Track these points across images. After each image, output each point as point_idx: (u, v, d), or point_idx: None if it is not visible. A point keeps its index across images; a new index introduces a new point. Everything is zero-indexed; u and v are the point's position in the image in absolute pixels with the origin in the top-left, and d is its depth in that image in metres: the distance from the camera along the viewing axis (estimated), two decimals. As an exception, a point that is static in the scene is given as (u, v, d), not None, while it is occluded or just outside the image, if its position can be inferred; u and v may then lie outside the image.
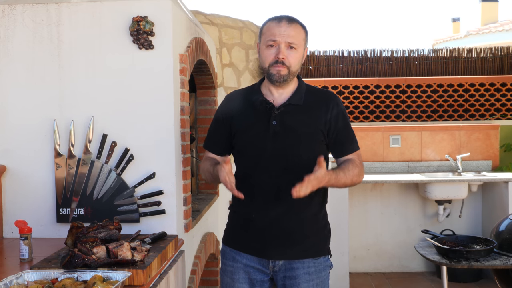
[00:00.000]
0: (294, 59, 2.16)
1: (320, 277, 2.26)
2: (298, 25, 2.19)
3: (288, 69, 2.15)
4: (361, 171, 2.26)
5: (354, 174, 2.21)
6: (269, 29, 2.17)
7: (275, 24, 2.16)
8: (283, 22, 2.16)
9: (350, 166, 2.21)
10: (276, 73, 2.15)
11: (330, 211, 4.89)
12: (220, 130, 2.30)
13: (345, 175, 2.18)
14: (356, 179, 2.23)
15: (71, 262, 1.84)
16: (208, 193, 3.75)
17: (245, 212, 2.25)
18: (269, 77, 2.18)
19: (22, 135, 2.51)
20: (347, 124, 2.28)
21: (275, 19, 2.19)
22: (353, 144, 2.28)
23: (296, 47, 2.16)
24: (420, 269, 5.56)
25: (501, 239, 3.47)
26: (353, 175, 2.21)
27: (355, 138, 2.30)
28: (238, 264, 2.27)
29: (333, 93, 2.33)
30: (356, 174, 2.22)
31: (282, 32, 2.14)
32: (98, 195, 2.46)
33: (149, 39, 2.44)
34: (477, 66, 6.52)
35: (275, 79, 2.16)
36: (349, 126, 2.28)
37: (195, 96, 3.71)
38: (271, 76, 2.17)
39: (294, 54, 2.16)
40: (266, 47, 2.17)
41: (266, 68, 2.18)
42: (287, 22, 2.16)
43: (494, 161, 5.61)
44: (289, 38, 2.14)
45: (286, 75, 2.16)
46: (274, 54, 2.15)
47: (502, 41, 10.22)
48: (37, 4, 2.50)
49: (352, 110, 6.16)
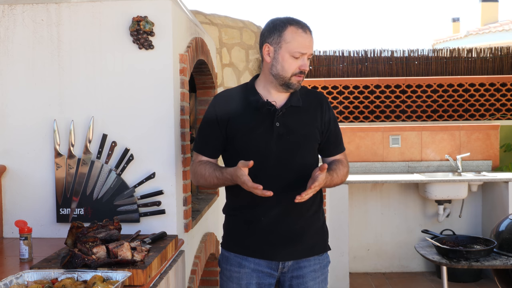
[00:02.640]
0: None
1: (324, 273, 2.32)
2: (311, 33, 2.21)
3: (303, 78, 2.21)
4: (348, 170, 2.37)
5: (343, 174, 2.31)
6: (295, 39, 2.13)
7: (301, 33, 2.14)
8: (308, 33, 2.16)
9: (340, 166, 2.29)
10: (297, 82, 2.18)
11: (330, 211, 4.91)
12: (215, 132, 2.23)
13: (337, 176, 2.26)
14: (345, 179, 2.34)
15: (71, 262, 1.84)
16: (208, 193, 3.75)
17: (249, 214, 2.23)
18: (288, 85, 2.18)
19: (22, 135, 2.51)
20: (338, 125, 2.35)
21: (300, 27, 2.14)
22: (342, 144, 2.37)
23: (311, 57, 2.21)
24: (420, 269, 5.56)
25: (501, 239, 3.47)
26: (343, 175, 2.30)
27: (342, 138, 2.39)
28: (245, 270, 2.25)
29: (323, 94, 2.36)
30: (345, 173, 2.32)
31: (308, 44, 2.15)
32: (98, 195, 2.46)
33: (149, 39, 2.44)
34: (477, 66, 6.52)
35: (295, 88, 2.19)
36: (338, 126, 2.36)
37: (195, 96, 3.71)
38: (291, 85, 2.18)
39: (308, 63, 2.20)
40: (291, 57, 2.14)
41: (286, 77, 2.17)
42: (310, 32, 2.17)
43: (494, 161, 5.61)
44: (312, 49, 2.18)
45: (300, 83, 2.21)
46: (298, 65, 2.15)
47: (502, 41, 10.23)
48: (37, 4, 2.50)
49: (352, 110, 6.16)
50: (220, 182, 2.19)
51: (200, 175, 2.24)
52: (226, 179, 2.15)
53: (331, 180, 2.21)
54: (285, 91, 2.21)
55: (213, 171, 2.20)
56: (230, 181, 2.13)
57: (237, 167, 2.05)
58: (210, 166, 2.23)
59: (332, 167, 2.26)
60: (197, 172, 2.26)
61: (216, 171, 2.19)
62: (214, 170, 2.20)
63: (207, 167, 2.23)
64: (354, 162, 5.55)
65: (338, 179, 2.26)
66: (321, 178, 2.07)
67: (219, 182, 2.19)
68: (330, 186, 2.26)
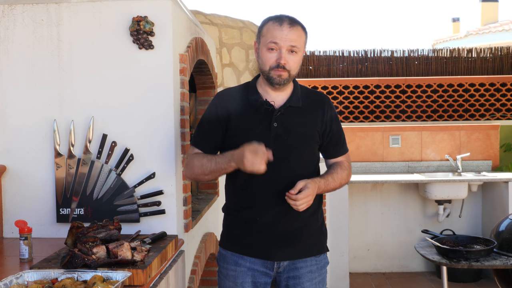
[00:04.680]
0: (295, 63, 2.14)
1: (321, 274, 2.30)
2: (300, 28, 2.14)
3: (289, 73, 2.14)
4: (349, 172, 2.32)
5: (343, 177, 2.27)
6: (270, 31, 2.11)
7: (276, 26, 2.10)
8: (284, 25, 2.10)
9: (338, 170, 2.26)
10: (277, 77, 2.13)
11: (330, 211, 4.91)
12: (215, 129, 2.22)
13: (333, 180, 2.23)
14: (344, 182, 2.29)
15: (71, 262, 1.84)
16: (208, 193, 3.75)
17: (247, 215, 2.22)
18: (269, 80, 2.15)
19: (22, 135, 2.51)
20: (340, 126, 2.31)
21: (276, 20, 2.12)
22: (344, 146, 2.33)
23: (297, 51, 2.13)
24: (420, 269, 5.56)
25: (501, 239, 3.47)
26: (341, 178, 2.26)
27: (345, 140, 2.35)
28: (241, 268, 2.25)
29: (325, 95, 2.34)
30: (344, 177, 2.28)
31: (284, 36, 2.09)
32: (98, 195, 2.46)
33: (149, 39, 2.44)
34: (477, 66, 6.53)
35: (276, 82, 2.14)
36: (341, 128, 2.33)
37: (195, 96, 3.71)
38: (271, 79, 2.14)
39: (294, 58, 2.13)
40: (267, 50, 2.12)
41: (266, 71, 2.15)
42: (289, 25, 2.10)
43: (494, 161, 5.61)
44: (291, 41, 2.10)
45: (286, 79, 2.14)
46: (275, 58, 2.11)
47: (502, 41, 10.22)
48: (37, 4, 2.50)
49: (352, 110, 6.16)
50: (217, 167, 2.13)
51: (196, 163, 2.18)
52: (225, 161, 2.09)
53: (326, 184, 2.19)
54: (272, 88, 2.17)
55: (212, 157, 2.16)
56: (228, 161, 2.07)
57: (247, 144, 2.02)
58: (208, 155, 2.20)
59: (329, 171, 2.26)
60: (193, 162, 2.20)
61: (216, 156, 2.16)
62: (213, 156, 2.17)
63: (204, 156, 2.19)
64: (354, 162, 5.55)
65: (335, 183, 2.23)
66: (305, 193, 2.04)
67: (215, 166, 2.13)
68: (327, 191, 2.23)
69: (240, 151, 2.03)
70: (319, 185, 2.14)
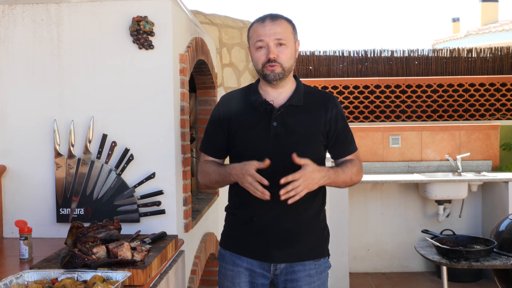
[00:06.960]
0: (286, 55, 2.14)
1: (320, 279, 2.26)
2: (283, 20, 2.16)
3: (282, 67, 2.14)
4: (360, 170, 2.26)
5: (353, 172, 2.21)
6: (255, 31, 2.16)
7: (259, 25, 2.15)
8: (266, 21, 2.14)
9: (349, 165, 2.22)
10: (270, 72, 2.14)
11: (330, 211, 4.91)
12: (219, 132, 2.24)
13: (344, 173, 2.18)
14: (356, 178, 2.23)
15: (71, 262, 1.84)
16: (208, 193, 3.75)
17: (245, 215, 2.22)
18: (264, 77, 2.16)
19: (22, 135, 2.51)
20: (346, 125, 2.28)
21: (259, 20, 2.17)
22: (352, 145, 2.29)
23: (286, 43, 2.14)
24: (420, 269, 5.56)
25: (501, 239, 3.47)
26: (352, 173, 2.21)
27: (353, 139, 2.31)
28: (239, 268, 2.25)
29: (332, 94, 2.31)
30: (355, 172, 2.22)
31: (268, 31, 2.12)
32: (98, 195, 2.47)
33: (149, 39, 2.44)
34: (477, 66, 6.53)
35: (271, 78, 2.14)
36: (348, 127, 2.29)
37: (195, 96, 3.71)
38: (266, 76, 2.15)
39: (284, 50, 2.14)
40: (256, 49, 2.15)
41: (260, 70, 2.17)
42: (271, 20, 2.14)
43: (494, 161, 5.61)
44: (276, 35, 2.12)
45: (281, 73, 2.14)
46: (265, 55, 2.13)
47: (502, 41, 10.22)
48: (37, 4, 2.50)
49: (352, 110, 6.17)
50: (221, 179, 2.20)
51: (204, 173, 2.28)
52: (226, 174, 2.15)
53: (336, 175, 2.14)
54: (271, 86, 2.19)
55: (216, 168, 2.23)
56: (229, 176, 2.13)
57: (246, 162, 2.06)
58: (214, 164, 2.26)
59: (338, 165, 2.23)
60: (203, 171, 2.29)
61: (219, 168, 2.22)
62: (217, 167, 2.23)
63: (211, 165, 2.26)
64: (354, 162, 5.55)
65: (345, 176, 2.17)
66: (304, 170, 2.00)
67: (219, 178, 2.20)
68: (337, 184, 2.18)
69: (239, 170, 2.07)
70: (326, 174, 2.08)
